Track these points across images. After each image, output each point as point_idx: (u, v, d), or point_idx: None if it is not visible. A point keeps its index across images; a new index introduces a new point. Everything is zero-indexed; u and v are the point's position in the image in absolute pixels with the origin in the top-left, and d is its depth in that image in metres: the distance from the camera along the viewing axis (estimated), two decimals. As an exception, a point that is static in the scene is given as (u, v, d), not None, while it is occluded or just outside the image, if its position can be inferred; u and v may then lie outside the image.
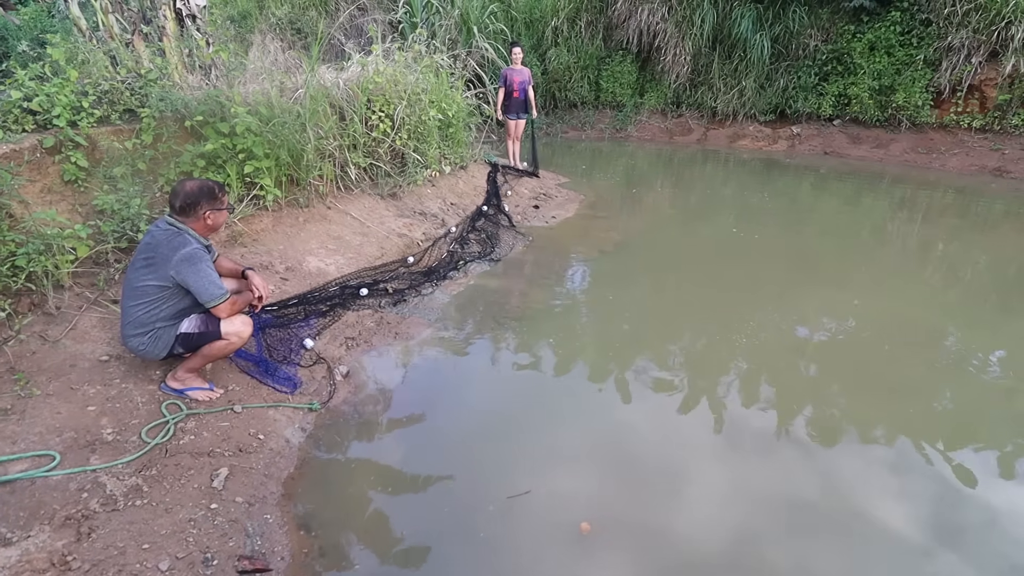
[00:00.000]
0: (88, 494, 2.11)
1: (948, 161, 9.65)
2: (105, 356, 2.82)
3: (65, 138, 3.41)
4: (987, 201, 7.74)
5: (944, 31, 9.52)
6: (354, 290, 4.03)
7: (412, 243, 5.16)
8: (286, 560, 2.09)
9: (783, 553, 2.22)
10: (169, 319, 2.61)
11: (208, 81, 4.81)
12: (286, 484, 2.44)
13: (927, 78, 9.79)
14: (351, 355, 3.46)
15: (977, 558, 2.21)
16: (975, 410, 3.19)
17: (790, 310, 4.38)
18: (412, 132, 5.84)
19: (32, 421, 2.37)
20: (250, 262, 3.93)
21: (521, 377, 3.41)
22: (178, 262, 2.50)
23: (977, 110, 9.71)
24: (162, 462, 2.33)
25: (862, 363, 3.62)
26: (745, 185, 8.55)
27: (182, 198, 2.57)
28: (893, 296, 4.65)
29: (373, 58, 5.80)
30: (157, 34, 5.02)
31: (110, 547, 1.94)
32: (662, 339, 3.92)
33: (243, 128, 4.02)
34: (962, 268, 5.49)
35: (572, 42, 12.12)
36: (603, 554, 2.17)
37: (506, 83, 7.51)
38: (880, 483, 2.60)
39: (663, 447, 2.83)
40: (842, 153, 10.51)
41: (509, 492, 2.43)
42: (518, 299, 4.45)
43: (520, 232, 5.85)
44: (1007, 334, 4.11)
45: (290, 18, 12.30)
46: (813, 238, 6.31)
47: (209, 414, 2.66)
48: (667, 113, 12.36)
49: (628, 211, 7.21)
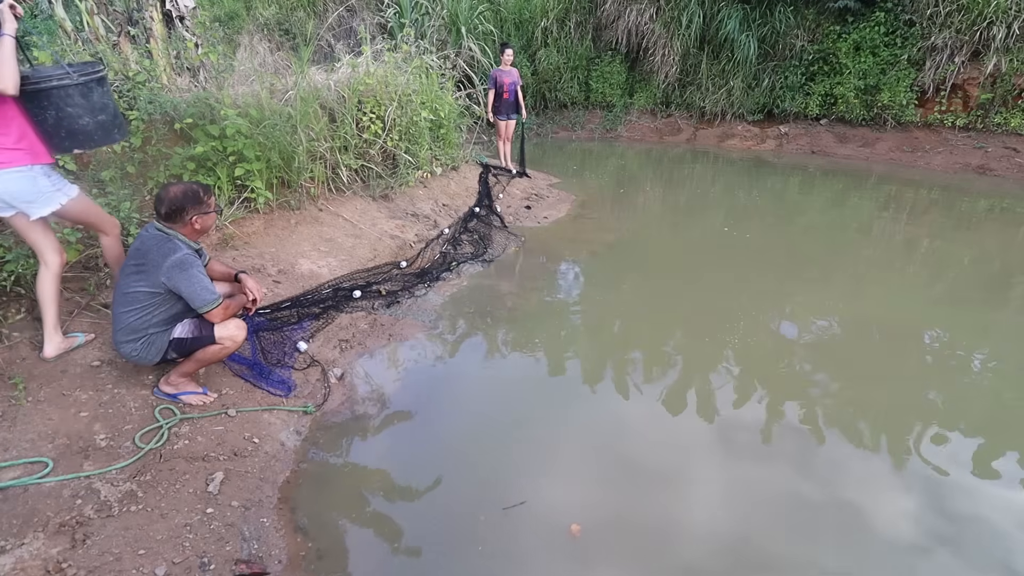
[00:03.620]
0: (82, 500, 2.10)
1: (933, 159, 9.79)
2: (97, 361, 2.80)
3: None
4: (971, 198, 7.87)
5: (927, 31, 9.66)
6: (347, 292, 4.03)
7: (404, 244, 5.16)
8: (283, 563, 2.08)
9: (780, 553, 2.25)
10: (162, 325, 2.59)
11: (197, 83, 4.78)
12: (282, 488, 2.44)
13: (911, 78, 9.93)
14: (345, 357, 3.46)
15: (976, 557, 2.25)
16: (968, 405, 3.25)
17: (782, 308, 4.43)
18: (403, 133, 5.84)
19: (24, 428, 2.35)
20: (242, 265, 3.91)
21: (514, 378, 3.42)
22: (168, 268, 2.48)
23: (960, 109, 9.86)
24: (156, 467, 2.32)
25: (852, 359, 3.67)
26: (734, 184, 8.63)
27: (167, 204, 2.51)
28: (882, 292, 4.72)
29: (363, 59, 5.79)
30: (144, 35, 4.98)
31: (105, 553, 1.93)
32: (656, 339, 3.94)
33: (233, 130, 4.00)
34: (948, 264, 5.58)
35: (562, 43, 12.15)
36: (597, 556, 2.19)
37: (495, 84, 7.52)
38: (874, 480, 2.64)
39: (657, 447, 2.85)
40: (829, 152, 10.64)
41: (504, 493, 2.45)
42: (511, 300, 4.46)
43: (512, 233, 5.87)
44: (994, 329, 4.18)
45: (278, 19, 12.23)
46: (803, 236, 6.38)
47: (203, 418, 2.65)
48: (656, 113, 12.43)
49: (620, 211, 7.25)
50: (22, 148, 2.38)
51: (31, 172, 2.41)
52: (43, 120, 2.45)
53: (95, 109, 2.54)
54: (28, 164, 2.39)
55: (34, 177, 2.42)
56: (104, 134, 2.63)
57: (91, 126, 2.55)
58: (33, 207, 2.46)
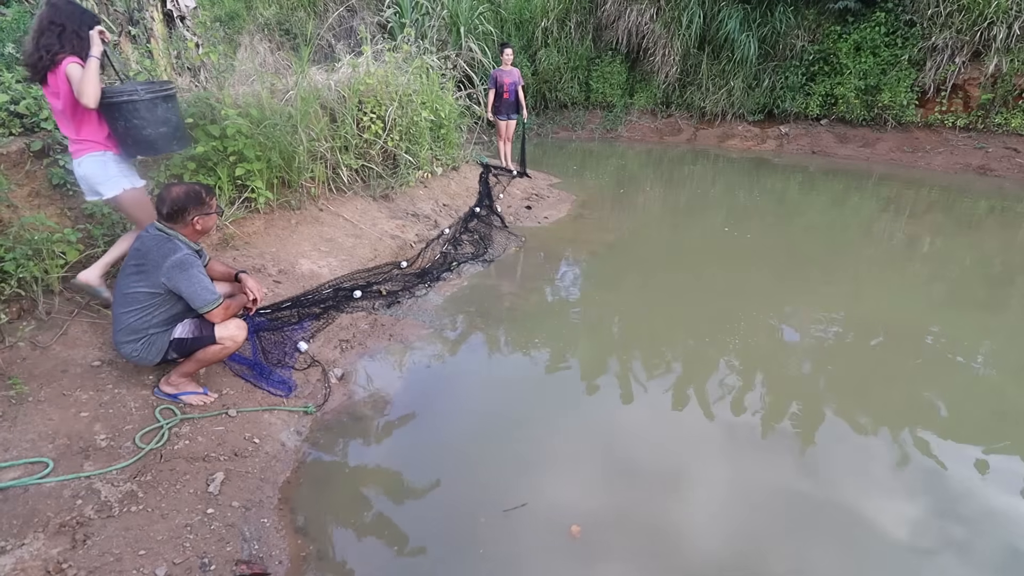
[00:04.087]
0: (82, 501, 2.10)
1: (933, 160, 9.79)
2: (97, 361, 2.80)
3: (53, 141, 3.37)
4: (971, 199, 7.86)
5: (928, 31, 9.65)
6: (348, 292, 4.02)
7: (405, 244, 5.16)
8: (284, 564, 2.08)
9: (781, 554, 2.25)
10: (162, 325, 2.59)
11: (197, 83, 4.78)
12: (283, 488, 2.43)
13: (912, 78, 9.92)
14: (345, 358, 3.45)
15: (977, 558, 2.25)
16: (969, 404, 3.25)
17: (782, 308, 4.43)
18: (404, 133, 5.84)
19: (24, 428, 2.35)
20: (242, 265, 3.91)
21: (515, 378, 3.42)
22: (169, 269, 2.48)
23: (961, 109, 9.85)
24: (157, 467, 2.32)
25: (852, 359, 3.67)
26: (735, 184, 8.63)
27: (169, 205, 2.52)
28: (882, 292, 4.72)
29: (364, 59, 5.79)
30: (144, 35, 4.98)
31: (106, 554, 1.93)
32: (656, 339, 3.94)
33: (234, 130, 4.00)
34: (948, 264, 5.58)
35: (562, 43, 12.15)
36: (598, 557, 2.19)
37: (496, 84, 7.51)
38: (874, 480, 2.64)
39: (658, 448, 2.85)
40: (829, 152, 10.63)
41: (504, 493, 2.44)
42: (511, 300, 4.46)
43: (513, 233, 5.86)
44: (994, 329, 4.18)
45: (278, 19, 12.23)
46: (803, 236, 6.38)
47: (204, 419, 2.64)
48: (657, 113, 12.43)
49: (620, 211, 7.24)
50: (98, 140, 2.83)
51: (103, 158, 2.83)
52: (115, 128, 2.85)
53: (159, 122, 2.89)
54: (101, 151, 2.83)
55: (105, 162, 2.84)
56: (164, 144, 2.99)
57: (153, 136, 2.90)
58: (103, 188, 2.86)
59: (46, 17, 2.63)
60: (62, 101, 2.69)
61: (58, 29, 2.63)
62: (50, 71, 2.64)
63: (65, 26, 2.64)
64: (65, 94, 2.67)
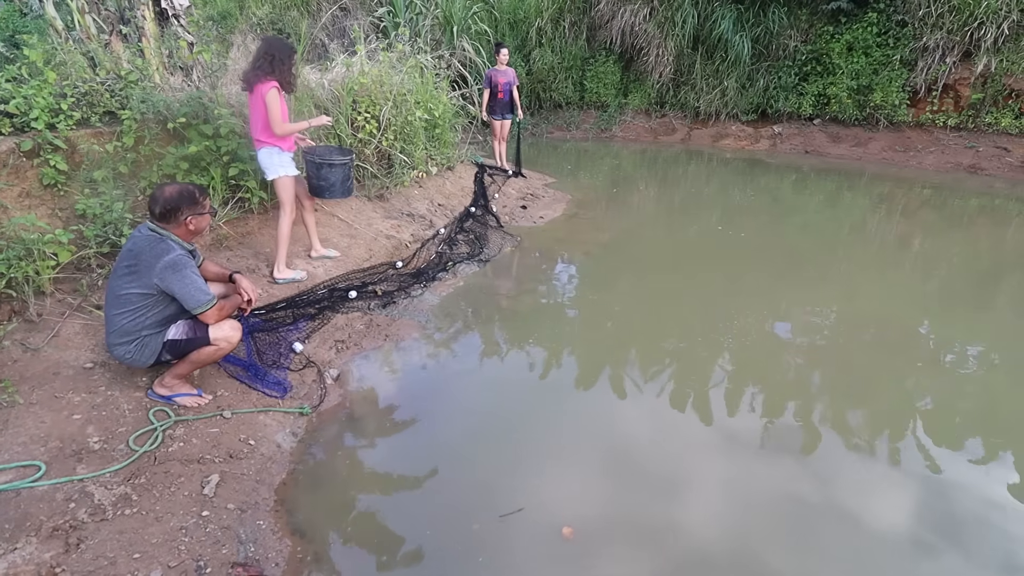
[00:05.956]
0: (76, 504, 2.07)
1: (924, 159, 9.86)
2: (89, 363, 2.77)
3: (43, 141, 3.34)
4: (962, 197, 7.93)
5: (919, 32, 9.73)
6: (343, 293, 4.00)
7: (400, 244, 5.14)
8: (280, 566, 2.07)
9: (778, 555, 2.25)
10: (155, 327, 2.57)
11: (190, 82, 4.74)
12: (278, 490, 2.42)
13: (903, 78, 10.00)
14: (341, 358, 3.44)
15: (976, 558, 2.26)
16: (962, 402, 3.27)
17: (776, 307, 4.45)
18: (398, 133, 5.81)
19: (16, 431, 2.32)
20: (236, 265, 3.89)
21: (511, 378, 3.42)
22: (162, 269, 2.45)
23: (952, 109, 9.93)
24: (151, 470, 2.30)
25: (846, 357, 3.69)
26: (729, 184, 8.66)
27: (162, 204, 2.49)
28: (875, 290, 4.75)
29: (358, 59, 5.76)
30: (136, 34, 4.94)
31: (100, 557, 1.91)
32: (651, 338, 3.95)
33: (227, 130, 3.97)
34: (940, 262, 5.62)
35: (556, 43, 12.15)
36: (594, 560, 2.19)
37: (490, 84, 7.51)
38: (871, 480, 2.66)
39: (654, 448, 2.85)
40: (822, 152, 10.69)
41: (500, 495, 2.44)
42: (507, 300, 4.46)
43: (508, 233, 5.86)
44: (986, 326, 4.21)
45: (271, 18, 12.16)
46: (796, 235, 6.41)
47: (198, 420, 2.62)
48: (651, 113, 12.46)
49: (615, 210, 7.25)
50: (273, 140, 3.76)
51: (271, 151, 3.78)
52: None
53: (324, 178, 4.14)
54: (270, 146, 3.77)
55: (271, 154, 3.79)
56: (328, 192, 4.21)
57: (319, 187, 4.18)
58: (267, 172, 3.84)
59: (262, 48, 3.67)
60: (256, 111, 3.68)
61: (269, 58, 3.62)
62: (256, 85, 3.62)
63: (275, 56, 3.64)
64: (259, 107, 3.64)
